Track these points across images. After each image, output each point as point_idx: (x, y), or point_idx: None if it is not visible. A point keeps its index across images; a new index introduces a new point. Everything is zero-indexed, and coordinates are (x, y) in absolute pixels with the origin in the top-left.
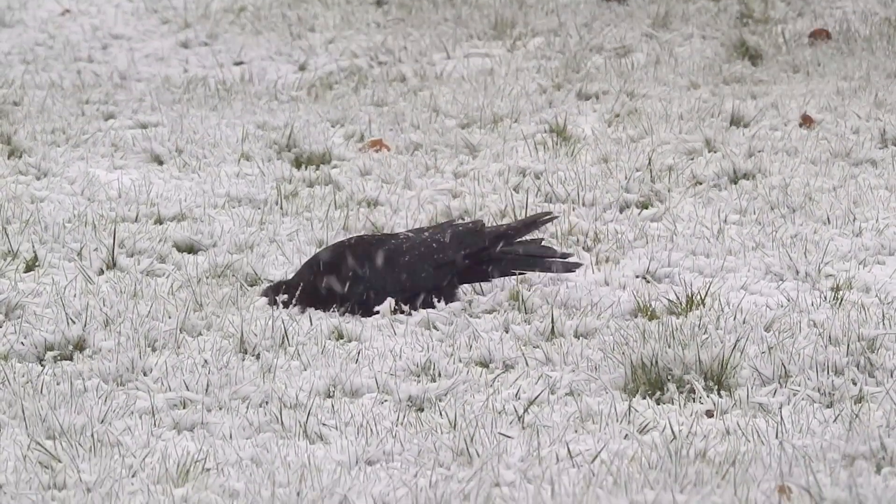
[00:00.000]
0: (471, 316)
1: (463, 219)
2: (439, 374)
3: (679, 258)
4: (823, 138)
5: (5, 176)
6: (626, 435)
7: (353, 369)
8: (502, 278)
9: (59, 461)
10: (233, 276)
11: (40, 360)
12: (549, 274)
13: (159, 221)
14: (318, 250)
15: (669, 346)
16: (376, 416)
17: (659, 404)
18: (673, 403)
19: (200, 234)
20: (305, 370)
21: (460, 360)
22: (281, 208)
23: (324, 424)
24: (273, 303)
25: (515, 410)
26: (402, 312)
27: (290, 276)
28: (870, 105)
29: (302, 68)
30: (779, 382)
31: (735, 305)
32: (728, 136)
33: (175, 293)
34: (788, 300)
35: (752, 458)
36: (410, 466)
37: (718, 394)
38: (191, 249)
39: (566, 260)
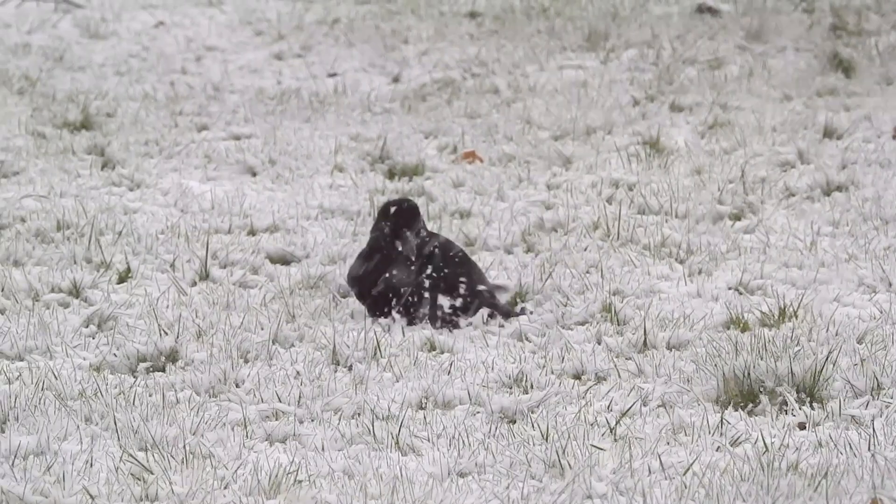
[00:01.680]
0: (563, 327)
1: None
2: (531, 386)
3: (772, 270)
4: None
5: (98, 187)
6: (719, 447)
7: (446, 381)
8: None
9: (152, 473)
10: (325, 287)
11: (133, 372)
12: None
13: (252, 233)
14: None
15: (762, 359)
16: (468, 428)
17: (751, 416)
18: (765, 415)
19: (293, 245)
20: (398, 382)
21: (552, 372)
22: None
23: (416, 436)
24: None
25: (607, 422)
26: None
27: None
28: None
29: (395, 80)
30: (871, 395)
31: (827, 317)
32: (821, 148)
33: (267, 304)
34: (881, 312)
35: (845, 470)
36: (502, 478)
37: (811, 406)
38: (283, 261)
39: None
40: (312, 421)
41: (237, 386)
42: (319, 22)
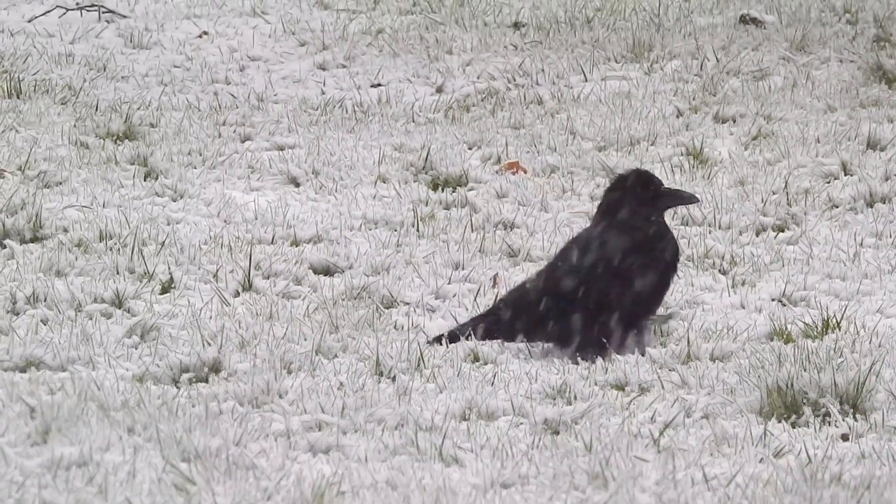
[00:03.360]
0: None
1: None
2: (575, 397)
3: (815, 281)
4: None
5: (142, 197)
6: (762, 459)
7: (489, 392)
8: None
9: (195, 484)
10: (369, 298)
11: (175, 382)
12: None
13: (295, 243)
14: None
15: (805, 370)
16: (511, 439)
17: (794, 428)
18: (808, 427)
19: (337, 256)
20: (441, 393)
21: (596, 383)
22: (417, 230)
23: (459, 447)
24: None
25: (651, 434)
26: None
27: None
28: None
29: (439, 90)
30: None
31: (871, 329)
32: (864, 160)
33: (311, 315)
34: None
35: (888, 481)
36: (546, 490)
37: (854, 417)
38: (327, 272)
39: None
40: (356, 432)
41: (280, 397)
42: (363, 32)
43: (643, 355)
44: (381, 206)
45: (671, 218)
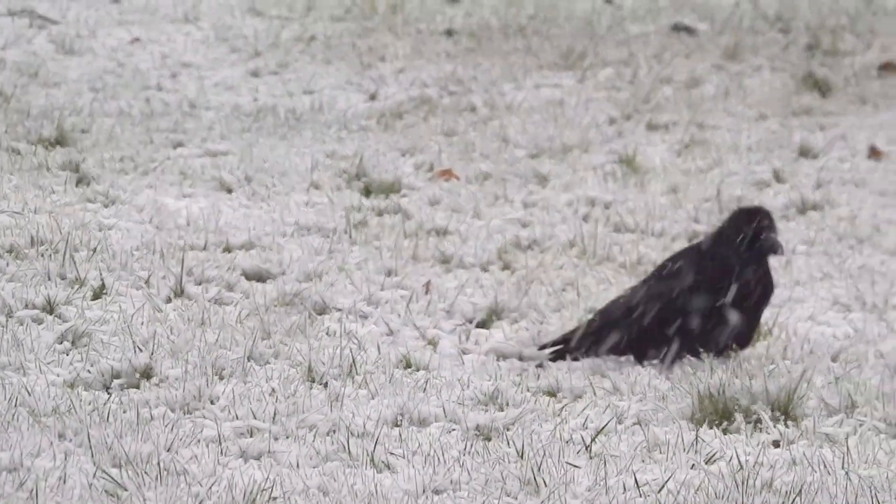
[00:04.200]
0: (539, 345)
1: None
2: (507, 404)
3: None
4: (892, 170)
5: (73, 203)
6: (693, 465)
7: (421, 398)
8: None
9: (126, 489)
10: (301, 304)
11: (107, 388)
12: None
13: (228, 250)
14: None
15: (737, 377)
16: (444, 445)
17: (726, 434)
18: (740, 433)
19: (269, 262)
20: (373, 399)
21: (528, 390)
22: (350, 237)
23: (391, 453)
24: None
25: (583, 440)
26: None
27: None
28: None
29: (372, 98)
30: (845, 413)
31: (802, 336)
32: (796, 168)
33: (243, 321)
34: (855, 331)
35: (819, 488)
36: (477, 496)
37: (785, 424)
38: (259, 278)
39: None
40: (287, 438)
41: (212, 403)
42: (296, 39)
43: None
44: (314, 212)
45: (603, 225)
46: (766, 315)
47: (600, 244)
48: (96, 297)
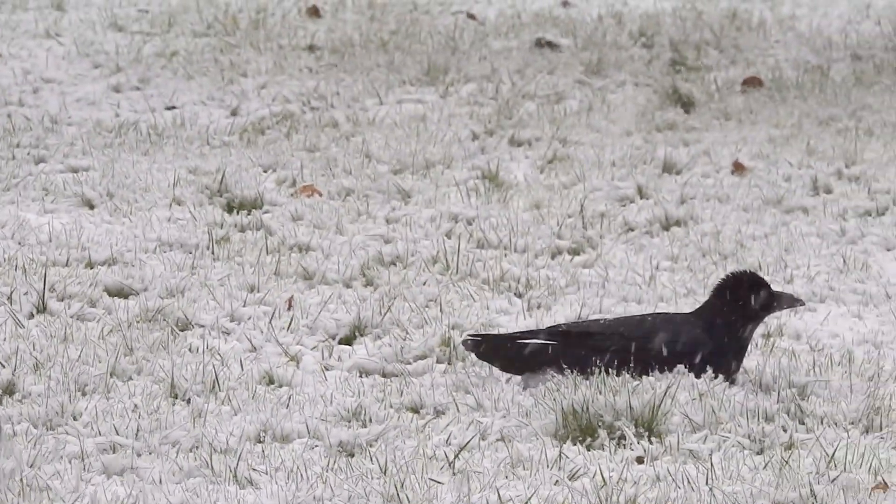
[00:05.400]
0: (402, 361)
1: None
2: (370, 420)
3: (611, 304)
4: (755, 185)
5: None
6: (557, 481)
7: (284, 414)
8: None
9: None
10: (164, 320)
11: None
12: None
13: (90, 266)
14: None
15: (600, 393)
16: (307, 462)
17: (590, 450)
18: (604, 450)
19: (131, 278)
20: (236, 415)
21: (391, 406)
22: (212, 253)
23: (254, 469)
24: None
25: (446, 456)
26: None
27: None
28: (801, 153)
29: (234, 113)
30: (709, 429)
31: None
32: (660, 183)
33: (105, 337)
34: None
35: None
36: None
37: (649, 440)
38: (122, 294)
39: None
40: (150, 454)
41: (75, 419)
42: (158, 54)
43: None
44: (176, 228)
45: (466, 241)
46: None
47: (463, 260)
48: None
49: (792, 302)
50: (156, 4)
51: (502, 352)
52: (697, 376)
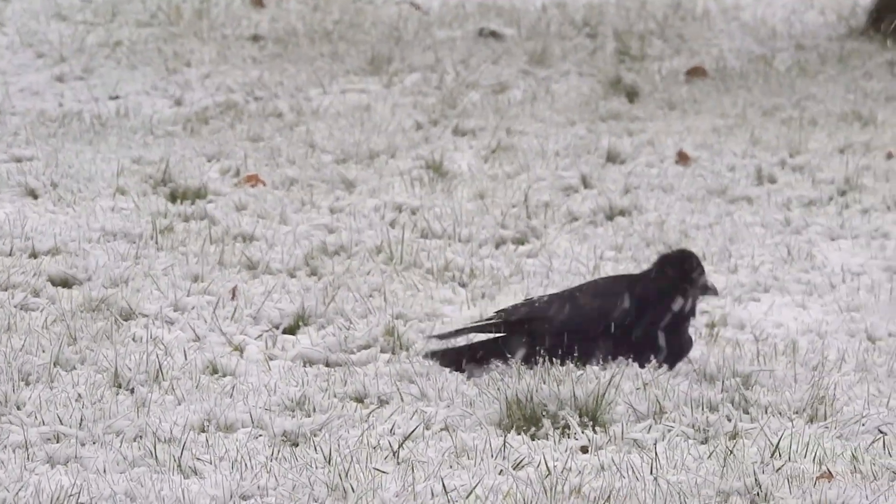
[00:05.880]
0: (346, 351)
1: None
2: (314, 409)
3: None
4: (699, 175)
5: None
6: (501, 470)
7: (228, 404)
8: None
9: None
10: (108, 310)
11: None
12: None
13: (34, 255)
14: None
15: (545, 382)
16: (251, 451)
17: (534, 440)
18: (548, 439)
19: (75, 268)
20: (180, 404)
21: (335, 395)
22: (156, 243)
23: (198, 459)
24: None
25: (390, 445)
26: None
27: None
28: (745, 142)
29: (178, 103)
30: (654, 418)
31: None
32: (604, 173)
33: (49, 327)
34: None
35: (627, 493)
36: (285, 501)
37: (593, 430)
38: (65, 283)
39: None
40: (94, 443)
41: (18, 408)
42: (101, 44)
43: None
44: (120, 218)
45: (410, 231)
46: None
47: (407, 250)
48: None
49: (706, 290)
50: None
51: (460, 358)
52: (621, 346)
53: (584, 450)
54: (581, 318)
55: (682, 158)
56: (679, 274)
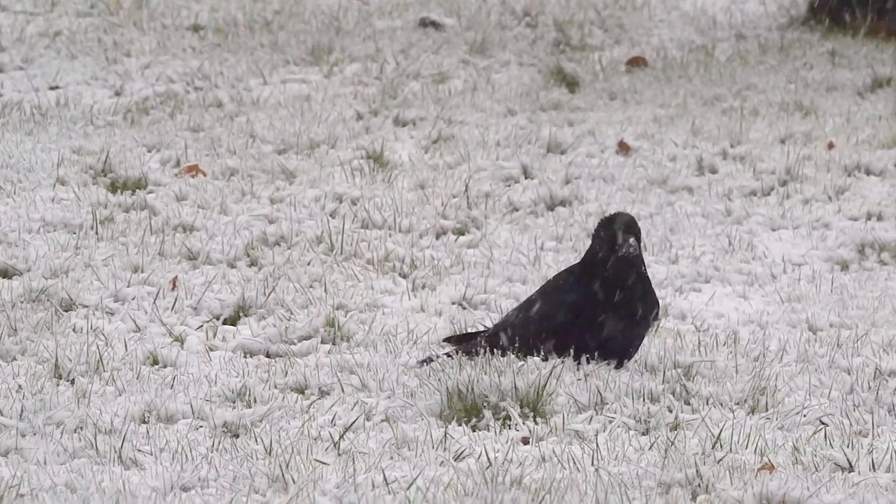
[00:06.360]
0: (286, 342)
1: None
2: (255, 400)
3: (495, 285)
4: (640, 165)
5: None
6: (442, 462)
7: (169, 395)
8: None
9: None
10: (48, 300)
11: None
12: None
13: None
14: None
15: (485, 373)
16: (191, 442)
17: (475, 431)
18: (489, 430)
19: (15, 258)
20: (120, 395)
21: (276, 386)
22: (96, 233)
23: (139, 450)
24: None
25: (331, 437)
26: None
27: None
28: (686, 132)
29: (118, 93)
30: (595, 409)
31: None
32: (545, 163)
33: None
34: None
35: (568, 485)
36: (226, 493)
37: (534, 421)
38: (5, 274)
39: None
40: (35, 435)
41: None
42: (41, 34)
43: None
44: (60, 208)
45: (351, 221)
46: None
47: (348, 240)
48: None
49: (627, 247)
50: None
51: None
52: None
53: (526, 441)
54: (534, 324)
55: (623, 148)
56: (609, 234)
